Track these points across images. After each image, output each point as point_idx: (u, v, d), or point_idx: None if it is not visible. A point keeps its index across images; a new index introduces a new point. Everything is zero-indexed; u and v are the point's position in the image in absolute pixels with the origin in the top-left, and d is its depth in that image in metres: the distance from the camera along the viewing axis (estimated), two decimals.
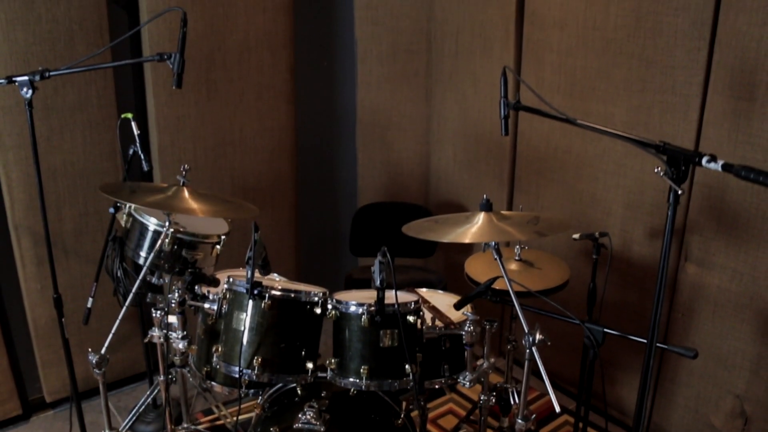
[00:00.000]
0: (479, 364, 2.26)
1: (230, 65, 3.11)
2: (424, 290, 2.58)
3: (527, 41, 3.03)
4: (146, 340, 2.35)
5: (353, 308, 2.09)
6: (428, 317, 2.25)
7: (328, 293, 2.23)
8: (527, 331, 1.85)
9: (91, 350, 2.08)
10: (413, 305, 2.11)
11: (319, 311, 2.16)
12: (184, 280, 2.31)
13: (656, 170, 1.35)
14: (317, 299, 2.15)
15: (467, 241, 1.86)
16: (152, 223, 2.38)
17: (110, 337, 2.09)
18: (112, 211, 2.53)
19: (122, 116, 2.55)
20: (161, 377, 2.42)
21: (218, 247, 2.49)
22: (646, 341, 1.83)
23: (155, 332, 2.31)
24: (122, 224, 2.52)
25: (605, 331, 2.01)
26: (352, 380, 2.08)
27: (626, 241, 2.79)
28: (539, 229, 1.87)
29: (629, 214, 2.77)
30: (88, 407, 3.02)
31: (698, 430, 2.70)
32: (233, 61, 3.11)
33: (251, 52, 3.15)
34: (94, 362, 2.08)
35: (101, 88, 2.84)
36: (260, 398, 2.37)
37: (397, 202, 3.59)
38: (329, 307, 2.15)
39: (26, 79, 2.11)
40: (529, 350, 1.86)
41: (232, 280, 2.17)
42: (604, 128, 1.58)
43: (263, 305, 2.09)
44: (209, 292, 2.28)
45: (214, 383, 2.32)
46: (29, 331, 2.93)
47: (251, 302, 2.09)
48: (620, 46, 2.63)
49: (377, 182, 3.75)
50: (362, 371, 2.07)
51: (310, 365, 2.16)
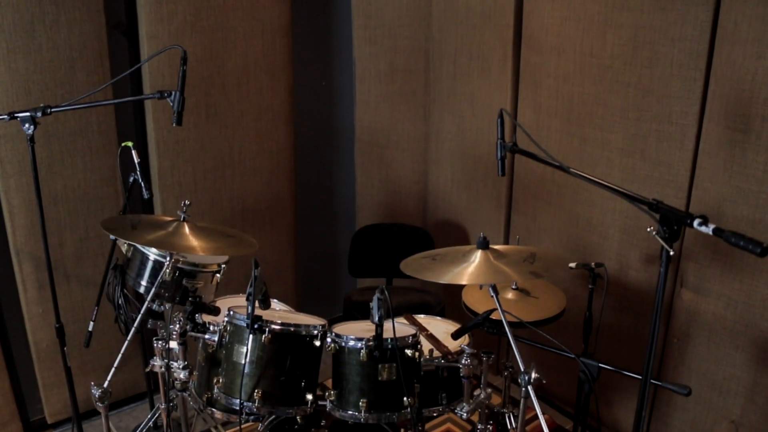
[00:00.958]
0: (477, 394, 2.28)
1: (229, 88, 3.12)
2: (422, 317, 2.61)
3: (525, 65, 3.05)
4: (147, 369, 2.38)
5: (352, 342, 2.12)
6: (426, 346, 2.28)
7: (327, 325, 2.25)
8: (523, 369, 1.88)
9: (93, 384, 2.11)
10: (411, 339, 2.14)
11: (318, 344, 2.19)
12: (184, 310, 2.34)
13: (648, 229, 1.36)
14: (316, 332, 2.18)
15: (464, 282, 1.89)
16: (153, 253, 2.40)
17: (113, 371, 2.11)
18: (113, 237, 2.55)
19: (122, 144, 2.57)
20: (162, 405, 2.46)
21: (218, 275, 2.52)
22: (641, 377, 1.87)
23: (157, 362, 2.35)
24: (123, 251, 2.55)
25: (600, 366, 2.04)
26: (351, 413, 2.12)
27: (622, 265, 2.82)
28: (535, 269, 1.89)
29: (626, 238, 2.79)
30: (89, 428, 3.05)
31: None
32: (232, 84, 3.12)
33: (250, 74, 3.16)
34: (96, 396, 2.10)
35: (101, 113, 2.85)
36: (261, 425, 2.40)
37: (395, 223, 3.61)
38: (328, 340, 2.18)
39: (28, 115, 2.14)
40: (525, 388, 1.89)
41: (232, 313, 2.19)
42: (597, 179, 1.60)
43: (263, 339, 2.11)
44: (209, 323, 2.30)
45: (214, 410, 2.35)
46: (31, 353, 2.95)
47: (251, 336, 2.11)
48: (617, 74, 2.65)
49: (375, 201, 3.77)
50: (361, 404, 2.10)
51: (309, 396, 2.19)
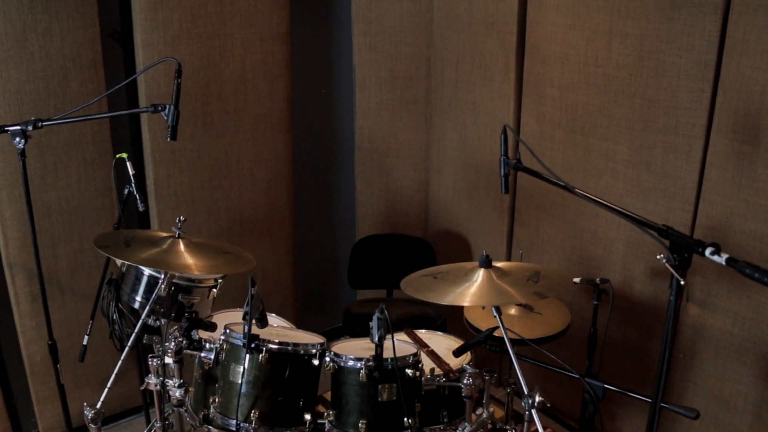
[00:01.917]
0: (479, 414, 2.23)
1: (227, 97, 3.06)
2: (423, 332, 2.55)
3: (528, 74, 2.99)
4: (143, 387, 2.33)
5: (351, 362, 2.07)
6: (427, 363, 2.23)
7: (326, 343, 2.20)
8: (527, 392, 1.83)
9: (86, 405, 2.05)
10: (412, 359, 2.09)
11: (317, 362, 2.14)
12: (180, 326, 2.29)
13: (659, 257, 1.30)
14: (315, 351, 2.13)
15: (466, 303, 1.83)
16: (148, 268, 2.34)
17: (105, 391, 2.06)
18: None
19: (117, 156, 2.52)
20: (158, 423, 2.40)
21: (215, 290, 2.46)
22: (649, 400, 1.81)
23: (152, 380, 2.29)
24: (118, 265, 2.49)
25: (606, 387, 1.99)
26: None
27: (627, 279, 2.76)
28: (539, 289, 1.84)
29: (631, 251, 2.74)
30: None
31: None
32: (230, 92, 3.07)
33: (248, 83, 3.11)
34: (89, 417, 2.05)
35: (96, 123, 2.80)
36: None
37: (396, 234, 3.56)
38: (327, 359, 2.12)
39: (18, 129, 2.09)
40: (528, 412, 1.84)
41: (228, 332, 2.14)
42: (603, 201, 1.54)
43: (260, 358, 2.06)
44: (204, 341, 2.25)
45: (211, 428, 2.30)
46: (24, 367, 2.90)
47: (248, 356, 2.06)
48: (622, 84, 2.60)
49: (376, 210, 3.72)
50: (361, 425, 2.06)
51: (308, 416, 2.14)
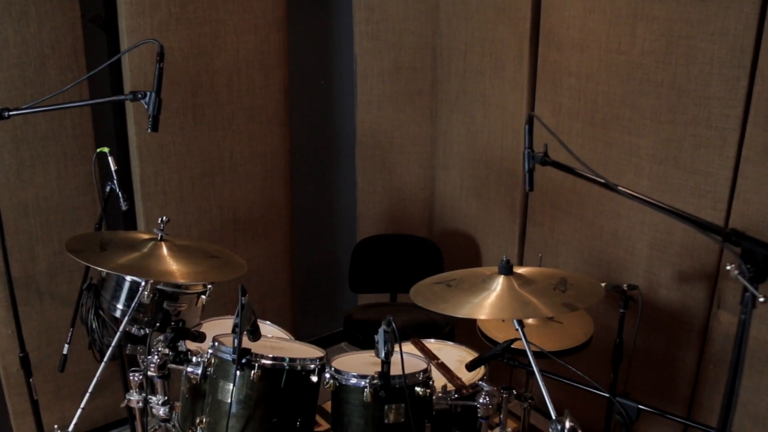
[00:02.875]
0: None
1: (218, 88, 2.85)
2: (431, 342, 2.35)
3: (543, 63, 2.78)
4: (123, 405, 2.12)
5: (354, 380, 1.85)
6: (437, 378, 2.02)
7: (325, 357, 1.99)
8: (555, 417, 1.62)
9: (57, 427, 1.84)
10: (422, 375, 1.88)
11: (315, 379, 1.92)
12: (165, 337, 2.08)
13: (728, 267, 1.09)
14: (313, 366, 1.92)
15: (485, 317, 1.62)
16: None
17: (79, 411, 1.85)
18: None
19: (98, 150, 2.32)
20: None
21: (204, 297, 2.24)
22: (691, 423, 1.61)
23: (133, 396, 2.09)
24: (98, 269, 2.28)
25: (640, 407, 1.78)
26: None
27: (652, 283, 2.55)
28: (568, 299, 1.63)
29: (656, 254, 2.53)
30: None
31: None
32: (222, 83, 2.85)
33: (241, 73, 2.89)
34: None
35: (76, 115, 2.58)
36: None
37: (399, 234, 3.35)
38: (327, 376, 1.91)
39: None
40: None
41: (217, 345, 1.93)
42: (655, 202, 1.32)
43: (252, 375, 1.84)
44: (192, 353, 2.04)
45: None
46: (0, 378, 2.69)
47: (238, 372, 1.85)
48: (648, 72, 2.39)
49: (378, 208, 3.51)
50: None
51: None
